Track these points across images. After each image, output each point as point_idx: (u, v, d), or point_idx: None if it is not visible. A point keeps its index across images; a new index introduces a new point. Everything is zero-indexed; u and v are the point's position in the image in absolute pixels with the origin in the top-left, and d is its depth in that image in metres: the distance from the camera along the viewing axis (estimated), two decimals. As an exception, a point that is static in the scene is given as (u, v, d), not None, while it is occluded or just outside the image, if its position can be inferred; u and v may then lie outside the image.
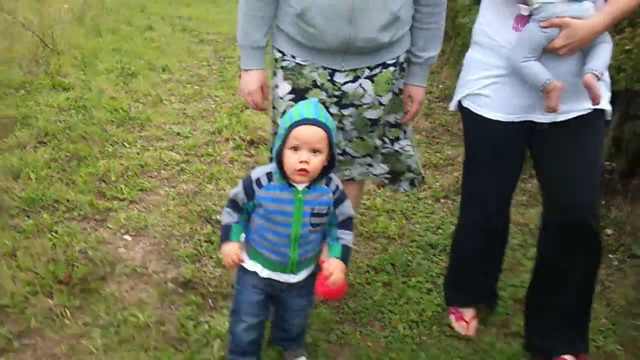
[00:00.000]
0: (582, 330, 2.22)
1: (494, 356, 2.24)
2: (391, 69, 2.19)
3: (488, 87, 2.08)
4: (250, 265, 1.95)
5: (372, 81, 2.18)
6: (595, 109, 2.00)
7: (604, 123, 2.08)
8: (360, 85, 2.17)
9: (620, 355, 2.30)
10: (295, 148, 1.76)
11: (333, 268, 1.84)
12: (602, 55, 1.91)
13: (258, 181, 1.85)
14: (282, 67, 2.22)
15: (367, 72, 2.16)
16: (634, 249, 2.95)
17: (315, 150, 1.77)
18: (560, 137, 2.05)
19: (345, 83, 2.17)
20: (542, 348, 2.23)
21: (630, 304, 2.62)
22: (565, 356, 2.17)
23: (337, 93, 2.18)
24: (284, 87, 2.22)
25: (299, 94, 2.18)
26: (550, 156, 2.10)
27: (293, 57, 2.19)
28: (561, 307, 2.18)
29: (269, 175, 1.85)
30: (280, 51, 2.22)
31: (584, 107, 2.00)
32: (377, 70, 2.17)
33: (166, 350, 2.20)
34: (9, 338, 2.22)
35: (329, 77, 2.17)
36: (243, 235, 1.93)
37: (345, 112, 2.22)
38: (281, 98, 2.24)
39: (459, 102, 2.20)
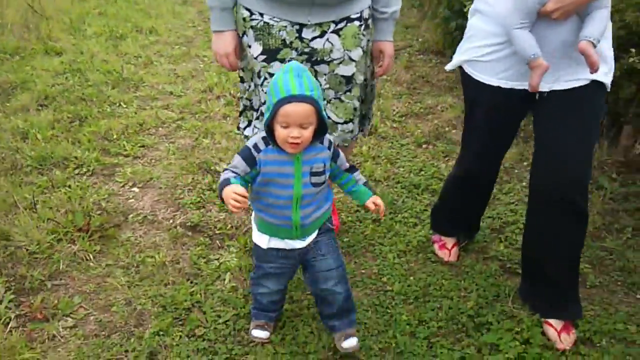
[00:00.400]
0: (571, 297, 2.25)
1: (473, 276, 2.54)
2: (356, 22, 2.27)
3: (488, 55, 2.10)
4: (257, 237, 2.02)
5: (339, 35, 2.25)
6: (594, 81, 1.99)
7: (604, 96, 2.07)
8: (327, 40, 2.24)
9: (589, 272, 2.58)
10: (285, 124, 1.77)
11: (379, 205, 1.98)
12: (597, 21, 1.87)
13: (256, 146, 1.86)
14: (251, 27, 2.26)
15: (332, 27, 2.23)
16: (600, 181, 3.23)
17: (304, 125, 1.78)
18: (557, 107, 2.04)
19: (313, 39, 2.23)
20: (532, 306, 2.33)
21: (597, 229, 2.90)
22: (551, 321, 2.23)
23: (307, 50, 2.25)
24: (256, 48, 2.27)
25: (270, 55, 2.25)
26: (544, 125, 2.11)
27: (261, 15, 2.23)
28: (548, 275, 2.22)
29: (265, 140, 1.86)
30: (247, 9, 2.26)
31: (583, 77, 1.99)
32: (342, 24, 2.25)
33: (183, 284, 2.47)
34: (41, 280, 2.47)
35: (297, 35, 2.23)
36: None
37: (318, 68, 2.28)
38: (255, 58, 2.29)
39: (460, 66, 2.24)
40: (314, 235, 2.01)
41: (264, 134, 1.87)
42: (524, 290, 2.38)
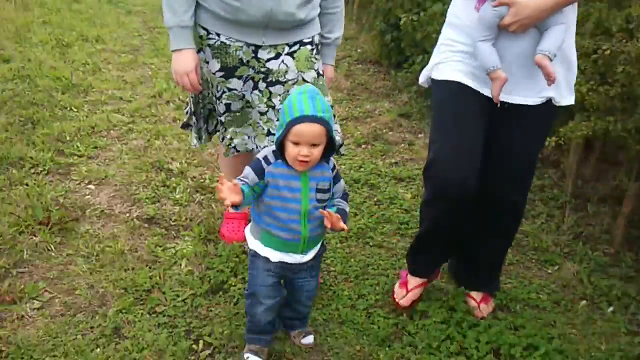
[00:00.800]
0: (494, 274, 2.52)
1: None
2: (308, 47, 2.42)
3: (453, 57, 2.17)
4: (262, 250, 2.04)
5: (293, 57, 2.38)
6: (549, 100, 2.12)
7: (555, 112, 2.20)
8: (282, 61, 2.37)
9: (508, 252, 2.81)
10: (296, 142, 1.84)
11: (330, 214, 1.91)
12: (554, 36, 1.96)
13: (266, 159, 1.92)
14: (208, 45, 2.36)
15: (287, 49, 2.37)
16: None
17: (315, 144, 1.85)
18: (514, 121, 2.15)
19: (268, 60, 2.36)
20: (456, 279, 2.60)
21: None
22: (472, 293, 2.50)
23: (262, 70, 2.37)
24: (215, 64, 2.38)
25: (228, 71, 2.38)
26: (498, 133, 2.19)
27: (217, 35, 2.34)
28: (479, 258, 2.47)
29: (276, 153, 1.92)
30: (204, 28, 2.35)
31: (541, 95, 2.11)
32: (296, 47, 2.38)
33: (142, 269, 2.66)
34: (6, 268, 2.62)
35: (253, 55, 2.35)
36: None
37: (273, 89, 2.40)
38: (213, 73, 2.40)
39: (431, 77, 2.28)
40: (314, 251, 2.07)
41: (274, 147, 1.93)
42: (453, 266, 2.68)
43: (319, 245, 2.09)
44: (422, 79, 2.34)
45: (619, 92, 2.65)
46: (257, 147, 2.53)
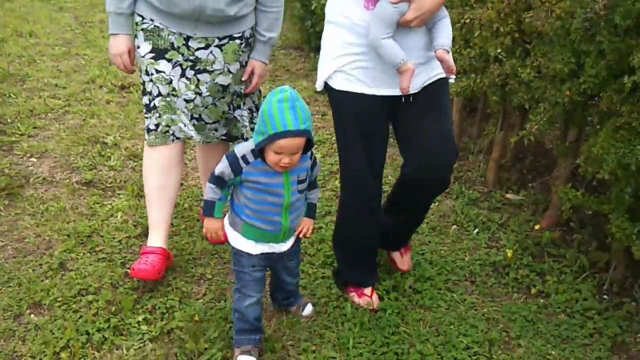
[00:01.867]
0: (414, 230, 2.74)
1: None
2: (237, 41, 2.54)
3: (350, 65, 2.16)
4: (243, 244, 2.09)
5: (221, 50, 2.51)
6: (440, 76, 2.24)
7: (449, 87, 2.36)
8: (211, 52, 2.50)
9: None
10: (279, 153, 1.89)
11: (304, 225, 2.18)
12: (446, 30, 2.09)
13: (244, 158, 1.95)
14: (142, 30, 2.49)
15: (216, 42, 2.49)
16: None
17: (296, 152, 1.92)
18: (420, 104, 2.21)
19: (198, 49, 2.48)
20: (383, 244, 2.65)
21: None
22: (395, 252, 2.71)
23: (192, 58, 2.49)
24: (145, 47, 2.49)
25: (158, 53, 2.48)
26: (412, 122, 2.24)
27: (152, 20, 2.46)
28: (404, 223, 2.62)
29: (254, 152, 1.95)
30: (140, 15, 2.49)
31: (434, 74, 2.22)
32: (225, 41, 2.51)
33: (82, 221, 3.09)
34: (-41, 224, 3.01)
35: (184, 42, 2.47)
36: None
37: (201, 77, 2.52)
38: (142, 57, 2.51)
39: (325, 82, 2.27)
40: (293, 238, 2.19)
41: (252, 146, 1.96)
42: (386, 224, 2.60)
43: (294, 235, 2.19)
44: (319, 86, 2.30)
45: (477, 53, 3.23)
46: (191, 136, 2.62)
